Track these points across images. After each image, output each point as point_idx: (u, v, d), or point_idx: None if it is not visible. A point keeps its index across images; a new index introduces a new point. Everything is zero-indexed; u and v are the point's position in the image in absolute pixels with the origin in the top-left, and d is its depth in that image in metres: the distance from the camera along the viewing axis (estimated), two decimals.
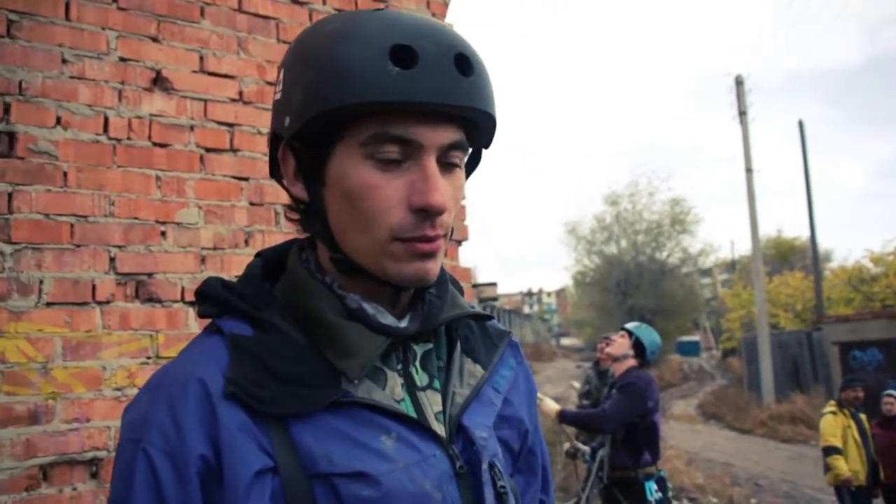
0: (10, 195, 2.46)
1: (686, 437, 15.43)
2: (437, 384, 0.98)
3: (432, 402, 0.96)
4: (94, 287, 2.58)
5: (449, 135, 0.89)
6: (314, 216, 0.95)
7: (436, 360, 1.00)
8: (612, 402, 4.86)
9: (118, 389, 2.59)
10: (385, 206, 0.87)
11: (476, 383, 1.01)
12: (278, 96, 0.94)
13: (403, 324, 0.96)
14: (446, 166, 0.91)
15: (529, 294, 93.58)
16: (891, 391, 7.34)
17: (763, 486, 10.98)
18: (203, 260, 2.82)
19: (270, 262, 1.03)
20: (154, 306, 2.69)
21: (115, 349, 2.60)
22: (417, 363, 0.98)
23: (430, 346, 1.01)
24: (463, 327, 1.06)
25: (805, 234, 35.55)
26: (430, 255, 0.90)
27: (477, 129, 0.95)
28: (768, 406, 18.97)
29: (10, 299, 2.43)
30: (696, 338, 44.86)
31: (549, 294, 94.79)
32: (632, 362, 5.13)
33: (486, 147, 1.01)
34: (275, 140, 0.97)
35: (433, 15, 3.60)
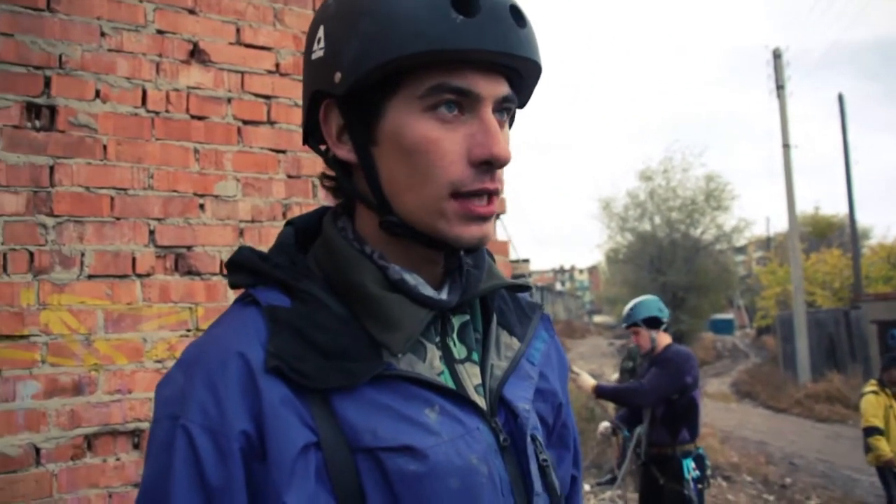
0: (51, 168, 2.47)
1: (720, 416, 15.31)
2: (475, 356, 0.96)
3: (471, 375, 0.94)
4: (134, 260, 2.60)
5: (503, 87, 0.88)
6: (361, 179, 0.91)
7: (472, 332, 0.98)
8: (650, 377, 4.81)
9: (158, 361, 2.61)
10: (446, 160, 0.84)
11: (513, 356, 0.99)
12: (320, 53, 0.90)
13: (443, 295, 0.94)
14: (500, 121, 0.89)
15: (562, 271, 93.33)
16: None
17: (798, 466, 10.87)
18: (241, 233, 2.82)
19: (302, 231, 1.00)
20: (193, 279, 2.71)
21: (156, 321, 2.62)
22: (455, 335, 0.96)
23: (467, 317, 0.98)
24: (498, 299, 1.04)
25: (842, 211, 35.01)
26: (487, 218, 0.87)
27: (521, 83, 0.93)
28: (804, 385, 18.74)
29: (52, 272, 2.45)
30: (729, 316, 44.45)
31: (581, 271, 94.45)
32: (665, 339, 5.07)
33: (523, 105, 0.98)
34: (314, 101, 0.93)
35: None
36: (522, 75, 0.90)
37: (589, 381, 5.08)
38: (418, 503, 0.81)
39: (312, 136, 0.97)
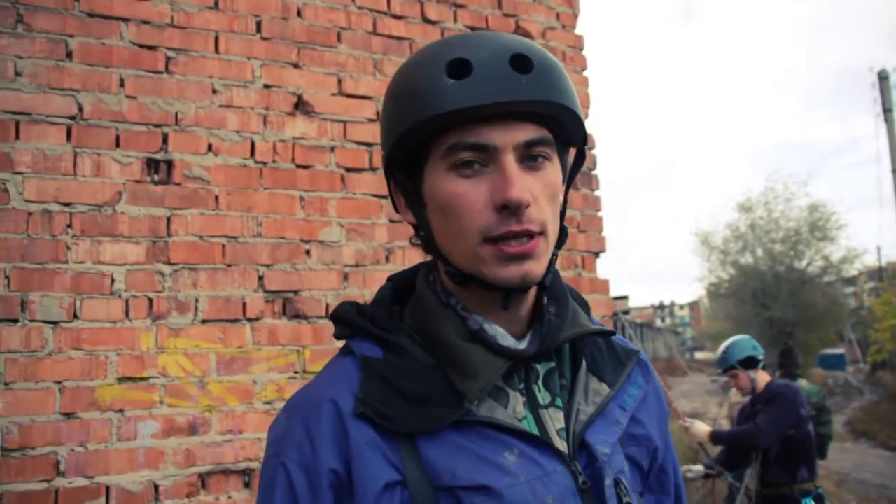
0: (168, 219, 2.62)
1: (834, 456, 14.54)
2: (559, 402, 1.00)
3: (554, 420, 0.98)
4: (244, 305, 2.71)
5: (524, 133, 0.91)
6: (426, 238, 1.00)
7: (559, 378, 1.02)
8: (764, 416, 4.61)
9: (268, 403, 2.70)
10: (472, 210, 0.90)
11: (601, 401, 1.02)
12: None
13: (523, 345, 0.98)
14: (531, 164, 0.92)
15: (661, 307, 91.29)
16: None
17: None
18: (346, 277, 2.91)
19: (400, 286, 1.08)
20: (300, 322, 2.80)
21: (265, 364, 2.72)
22: (540, 382, 1.00)
23: (553, 364, 1.02)
24: (590, 346, 1.07)
25: None
26: (524, 257, 0.91)
27: (561, 125, 0.96)
28: None
29: (169, 317, 2.58)
30: (840, 350, 42.35)
31: (681, 307, 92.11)
32: (764, 378, 4.88)
33: (582, 142, 1.01)
34: (387, 178, 1.04)
35: (563, 27, 3.59)
36: (553, 116, 0.94)
37: (703, 429, 4.94)
38: None
39: (397, 209, 1.07)
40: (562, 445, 0.96)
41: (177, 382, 2.56)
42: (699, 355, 62.15)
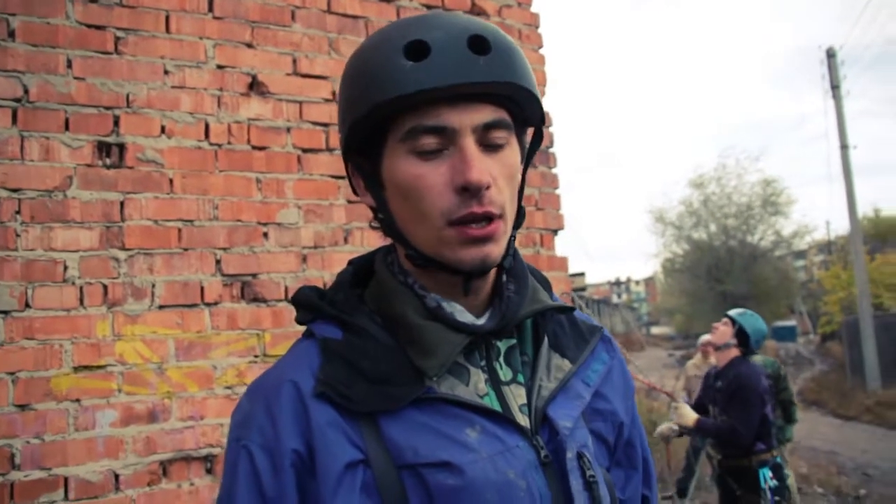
0: (122, 203, 2.57)
1: None
2: (521, 378, 1.01)
3: (516, 396, 0.99)
4: (202, 289, 2.67)
5: (483, 115, 0.91)
6: (386, 220, 1.00)
7: (520, 355, 1.03)
8: (739, 415, 4.66)
9: (229, 388, 2.67)
10: (434, 192, 0.91)
11: (563, 377, 1.03)
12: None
13: (481, 321, 0.99)
14: (490, 146, 0.93)
15: (618, 283, 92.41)
16: None
17: (872, 476, 10.52)
18: (304, 259, 2.88)
19: (361, 270, 1.08)
20: (259, 306, 2.77)
21: (224, 349, 2.68)
22: (501, 359, 1.01)
23: (514, 341, 1.03)
24: (552, 323, 1.08)
25: None
26: (485, 240, 0.92)
27: (519, 105, 0.96)
28: (874, 392, 18.18)
29: (125, 303, 2.53)
30: (791, 322, 43.34)
31: (637, 283, 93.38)
32: (734, 352, 4.94)
33: (540, 123, 1.02)
34: (345, 161, 1.04)
35: (518, 4, 3.58)
36: (511, 97, 0.94)
37: (690, 415, 4.98)
38: None
39: (356, 191, 1.07)
40: (523, 421, 0.97)
41: (135, 370, 2.52)
42: (655, 330, 63.16)
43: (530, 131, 1.04)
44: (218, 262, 2.71)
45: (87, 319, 2.47)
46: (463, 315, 0.98)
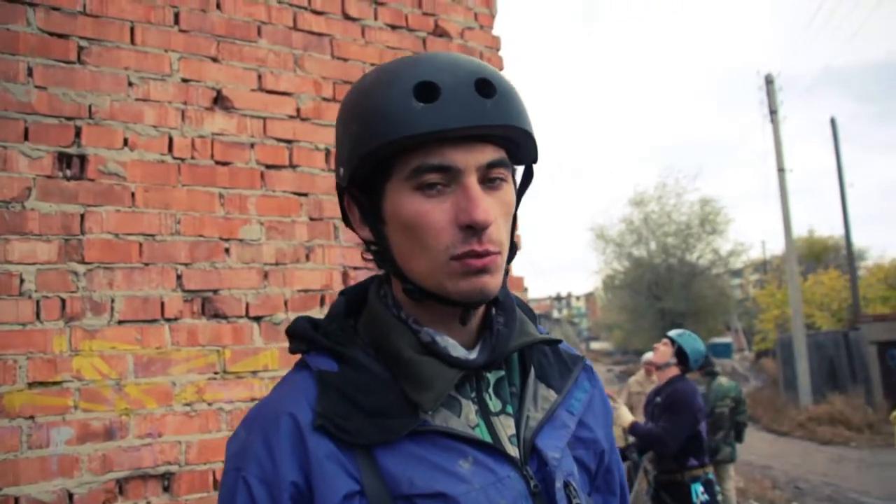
0: (82, 216, 2.52)
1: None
2: (509, 409, 1.04)
3: (505, 427, 1.02)
4: (162, 304, 2.64)
5: (486, 155, 0.95)
6: (382, 254, 1.02)
7: (508, 386, 1.06)
8: (668, 426, 4.87)
9: (188, 405, 2.64)
10: (437, 228, 0.93)
11: (550, 407, 1.06)
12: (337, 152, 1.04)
13: (473, 355, 1.02)
14: (490, 185, 0.96)
15: (559, 298, 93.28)
16: None
17: (804, 490, 10.84)
18: (266, 275, 2.86)
19: (353, 300, 1.10)
20: (220, 322, 2.74)
21: (184, 365, 2.65)
22: (490, 390, 1.04)
23: (503, 373, 1.06)
24: (537, 354, 1.11)
25: (837, 232, 35.16)
26: (484, 271, 0.94)
27: (517, 145, 1.00)
28: (806, 407, 18.70)
29: (84, 318, 2.49)
30: (727, 339, 44.34)
31: (577, 298, 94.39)
32: (675, 371, 5.15)
33: (534, 161, 1.05)
34: (340, 193, 1.05)
35: (480, 27, 3.63)
36: (511, 138, 0.97)
37: (627, 417, 5.21)
38: None
39: (347, 219, 1.08)
40: (513, 451, 1.00)
41: (92, 386, 2.47)
42: (595, 345, 63.87)
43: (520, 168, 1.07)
44: (179, 277, 2.68)
45: (44, 334, 2.42)
46: (456, 350, 1.00)
